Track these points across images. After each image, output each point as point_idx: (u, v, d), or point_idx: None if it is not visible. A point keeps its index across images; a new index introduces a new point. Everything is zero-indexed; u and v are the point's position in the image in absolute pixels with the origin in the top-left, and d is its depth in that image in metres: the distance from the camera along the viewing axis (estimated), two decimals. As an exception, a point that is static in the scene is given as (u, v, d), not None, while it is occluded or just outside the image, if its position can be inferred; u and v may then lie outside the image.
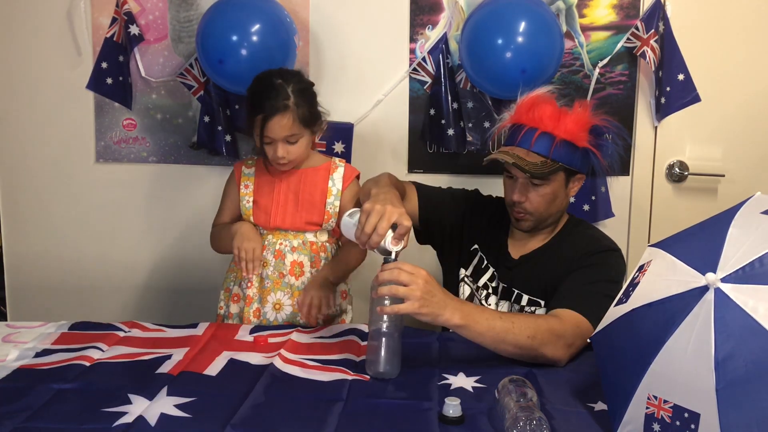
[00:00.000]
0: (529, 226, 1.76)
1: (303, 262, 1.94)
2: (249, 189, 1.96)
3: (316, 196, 1.94)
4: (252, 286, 1.94)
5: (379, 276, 1.42)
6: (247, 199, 1.96)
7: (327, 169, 1.97)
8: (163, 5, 2.39)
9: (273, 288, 1.93)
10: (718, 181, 2.45)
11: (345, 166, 1.99)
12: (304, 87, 1.87)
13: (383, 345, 1.43)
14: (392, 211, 1.46)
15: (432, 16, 2.38)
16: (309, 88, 1.90)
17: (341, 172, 1.97)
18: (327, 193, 1.94)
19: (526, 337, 1.46)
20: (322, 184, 1.95)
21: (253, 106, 1.85)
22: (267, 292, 1.93)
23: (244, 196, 1.96)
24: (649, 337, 1.11)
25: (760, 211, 1.15)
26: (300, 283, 1.94)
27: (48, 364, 1.48)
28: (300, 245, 1.94)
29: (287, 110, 1.81)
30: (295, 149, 1.86)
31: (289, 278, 1.93)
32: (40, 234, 2.54)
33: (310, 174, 1.95)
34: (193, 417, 1.25)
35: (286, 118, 1.82)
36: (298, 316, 1.93)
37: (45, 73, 2.45)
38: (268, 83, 1.84)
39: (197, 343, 1.61)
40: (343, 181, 1.96)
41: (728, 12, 2.36)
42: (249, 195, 1.96)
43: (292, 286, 1.94)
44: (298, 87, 1.85)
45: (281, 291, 1.93)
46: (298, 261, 1.94)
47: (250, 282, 1.94)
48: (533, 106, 1.72)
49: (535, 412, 1.16)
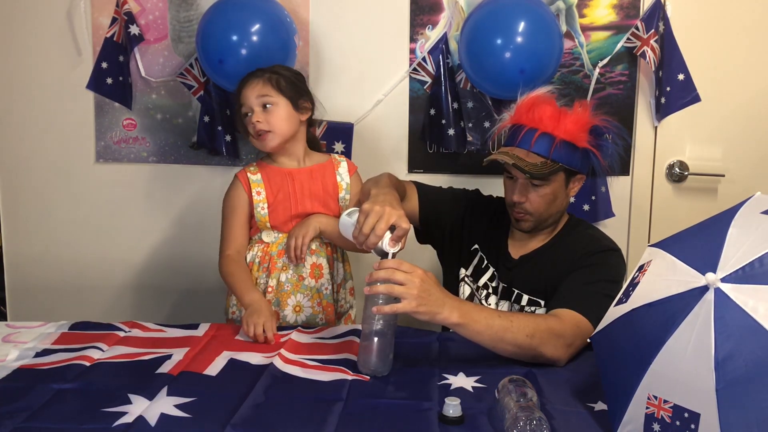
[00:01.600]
0: (529, 227, 1.76)
1: (322, 264, 1.95)
2: (262, 195, 1.93)
3: (329, 191, 1.96)
4: (272, 291, 1.92)
5: (374, 275, 1.41)
6: (262, 206, 1.92)
7: (332, 165, 1.99)
8: (163, 5, 2.39)
9: (293, 291, 1.92)
10: (718, 181, 2.45)
11: (346, 160, 2.03)
12: (287, 69, 1.95)
13: (376, 343, 1.43)
14: (391, 213, 1.46)
15: (432, 16, 2.38)
16: (293, 71, 1.96)
17: (345, 167, 2.00)
18: (338, 188, 1.97)
19: (525, 336, 1.46)
20: (331, 178, 1.97)
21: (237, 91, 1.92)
22: (286, 296, 1.92)
23: (258, 203, 1.92)
24: (649, 337, 1.11)
25: (760, 211, 1.15)
26: (320, 285, 1.94)
27: (48, 364, 1.48)
28: (318, 247, 1.94)
29: (261, 76, 1.89)
30: (273, 118, 1.87)
31: (309, 281, 1.93)
32: (40, 234, 2.54)
33: (317, 170, 1.97)
34: (193, 417, 1.25)
35: (260, 81, 1.88)
36: (318, 317, 1.94)
37: (45, 73, 2.45)
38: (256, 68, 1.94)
39: (197, 343, 1.61)
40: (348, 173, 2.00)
41: (728, 12, 2.36)
42: (263, 201, 1.92)
43: (312, 289, 1.93)
44: (280, 68, 1.93)
45: (301, 293, 1.93)
46: (317, 263, 1.94)
47: (270, 287, 1.92)
48: (533, 107, 1.72)
49: (535, 412, 1.16)
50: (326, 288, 1.96)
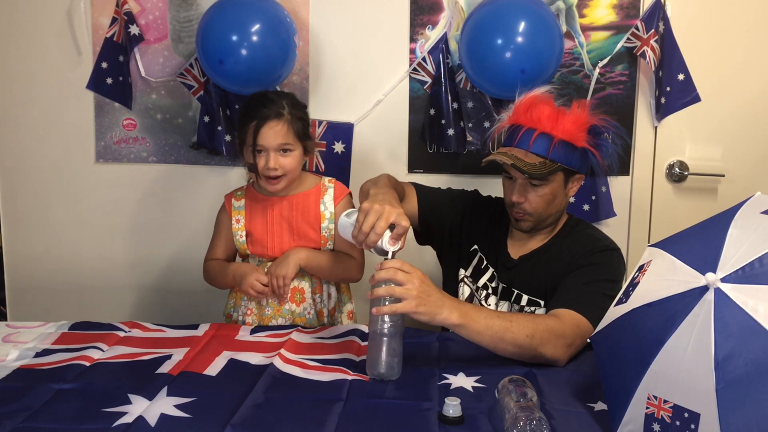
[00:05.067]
0: (528, 227, 1.76)
1: (304, 288, 1.93)
2: (240, 224, 1.94)
3: (309, 222, 1.92)
4: (252, 314, 1.93)
5: (376, 276, 1.41)
6: (240, 234, 1.93)
7: (317, 193, 1.94)
8: (163, 5, 2.39)
9: (274, 315, 1.92)
10: (718, 181, 2.45)
11: (335, 185, 1.97)
12: (298, 104, 1.89)
13: (383, 347, 1.42)
14: (391, 211, 1.46)
15: (432, 16, 2.38)
16: (303, 107, 1.91)
17: (331, 194, 1.95)
18: (320, 217, 1.92)
19: (525, 336, 1.46)
20: (314, 208, 1.93)
21: (246, 116, 1.83)
22: (267, 320, 1.92)
23: (236, 231, 1.94)
24: (649, 337, 1.11)
25: (760, 211, 1.15)
26: (302, 309, 1.93)
27: (48, 364, 1.48)
28: (300, 272, 1.92)
29: (282, 117, 1.81)
30: (287, 163, 1.83)
31: (290, 305, 1.93)
32: (40, 234, 2.54)
33: (300, 200, 1.93)
34: (193, 417, 1.25)
35: (280, 124, 1.80)
36: None
37: (45, 73, 2.45)
38: (262, 97, 1.86)
39: (197, 343, 1.61)
40: (334, 201, 1.94)
41: (728, 12, 2.36)
42: (241, 229, 1.94)
43: (294, 313, 1.93)
44: (292, 102, 1.85)
45: (282, 318, 1.92)
46: (299, 287, 1.93)
47: (249, 310, 1.93)
48: (531, 107, 1.72)
49: (535, 412, 1.16)
50: (309, 312, 1.94)
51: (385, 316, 1.40)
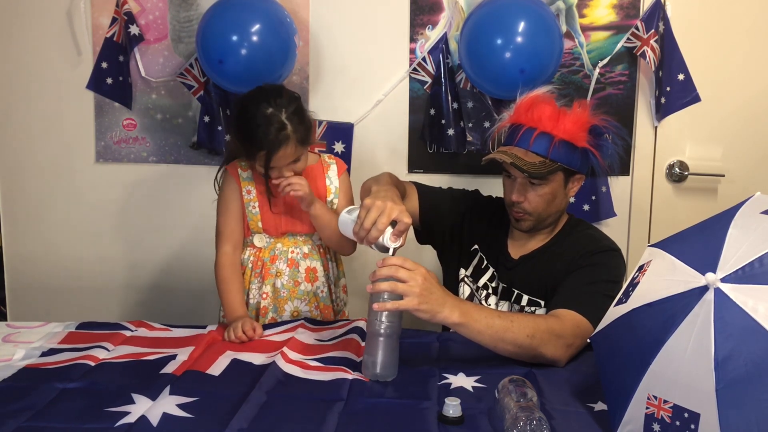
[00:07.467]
0: (528, 226, 1.76)
1: (316, 267, 1.94)
2: (252, 194, 1.90)
3: (319, 193, 1.92)
4: (267, 297, 1.91)
5: (378, 272, 1.41)
6: (253, 205, 1.89)
7: (321, 168, 1.96)
8: (163, 5, 2.39)
9: (290, 297, 1.92)
10: (718, 181, 2.45)
11: (336, 161, 1.99)
12: (294, 107, 1.80)
13: (379, 347, 1.42)
14: (392, 208, 1.46)
15: (432, 16, 2.38)
16: (298, 105, 1.82)
17: (335, 169, 1.97)
18: (327, 191, 1.94)
19: (525, 336, 1.46)
20: (320, 183, 1.94)
21: (251, 142, 1.78)
22: (283, 302, 1.92)
23: (248, 202, 1.89)
24: (649, 337, 1.11)
25: (760, 211, 1.15)
26: (315, 288, 1.93)
27: (53, 364, 1.49)
28: (311, 251, 1.93)
29: (288, 140, 1.77)
30: (298, 167, 1.84)
31: (305, 285, 1.92)
32: (40, 234, 2.54)
33: (307, 173, 1.91)
34: (195, 417, 1.25)
35: (289, 147, 1.77)
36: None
37: (45, 73, 2.45)
38: (261, 116, 1.75)
39: (202, 343, 1.62)
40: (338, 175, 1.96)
41: (728, 12, 2.37)
42: (254, 200, 1.89)
43: (309, 293, 1.93)
44: (289, 110, 1.78)
45: (298, 299, 1.92)
46: (311, 267, 1.93)
47: (264, 293, 1.91)
48: (532, 106, 1.72)
49: (535, 412, 1.16)
50: (322, 291, 1.95)
51: (383, 315, 1.40)
